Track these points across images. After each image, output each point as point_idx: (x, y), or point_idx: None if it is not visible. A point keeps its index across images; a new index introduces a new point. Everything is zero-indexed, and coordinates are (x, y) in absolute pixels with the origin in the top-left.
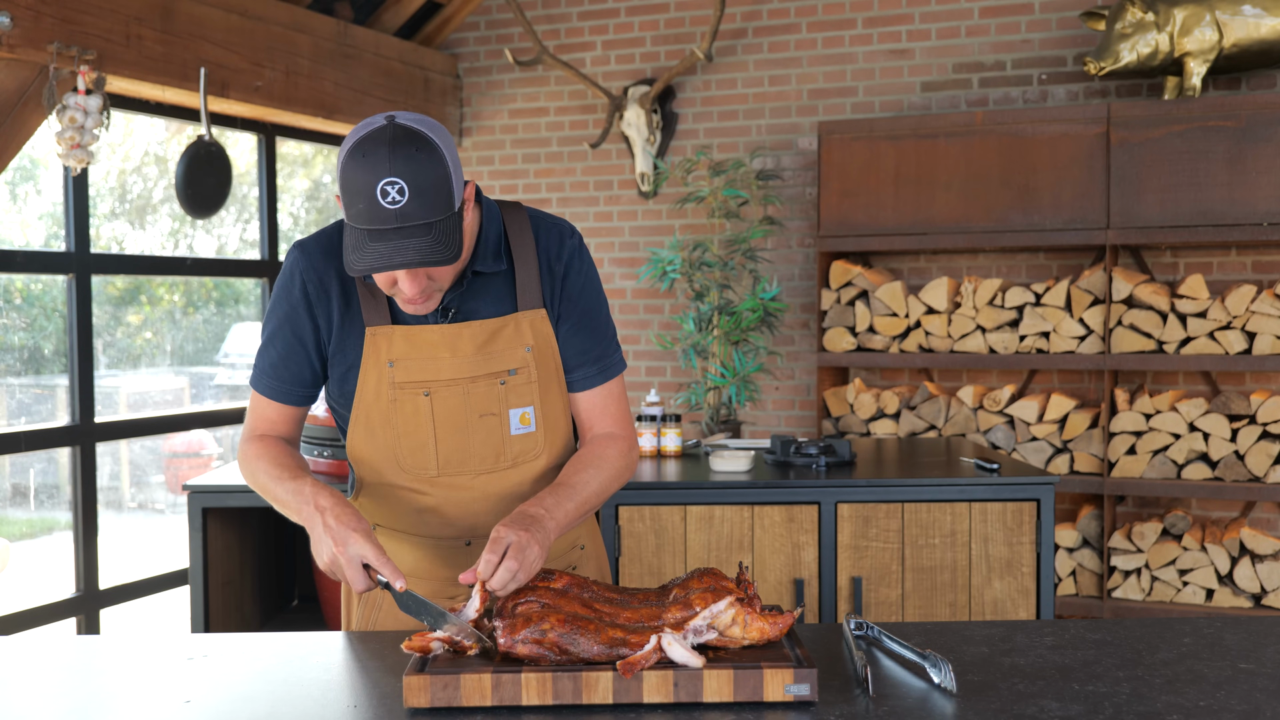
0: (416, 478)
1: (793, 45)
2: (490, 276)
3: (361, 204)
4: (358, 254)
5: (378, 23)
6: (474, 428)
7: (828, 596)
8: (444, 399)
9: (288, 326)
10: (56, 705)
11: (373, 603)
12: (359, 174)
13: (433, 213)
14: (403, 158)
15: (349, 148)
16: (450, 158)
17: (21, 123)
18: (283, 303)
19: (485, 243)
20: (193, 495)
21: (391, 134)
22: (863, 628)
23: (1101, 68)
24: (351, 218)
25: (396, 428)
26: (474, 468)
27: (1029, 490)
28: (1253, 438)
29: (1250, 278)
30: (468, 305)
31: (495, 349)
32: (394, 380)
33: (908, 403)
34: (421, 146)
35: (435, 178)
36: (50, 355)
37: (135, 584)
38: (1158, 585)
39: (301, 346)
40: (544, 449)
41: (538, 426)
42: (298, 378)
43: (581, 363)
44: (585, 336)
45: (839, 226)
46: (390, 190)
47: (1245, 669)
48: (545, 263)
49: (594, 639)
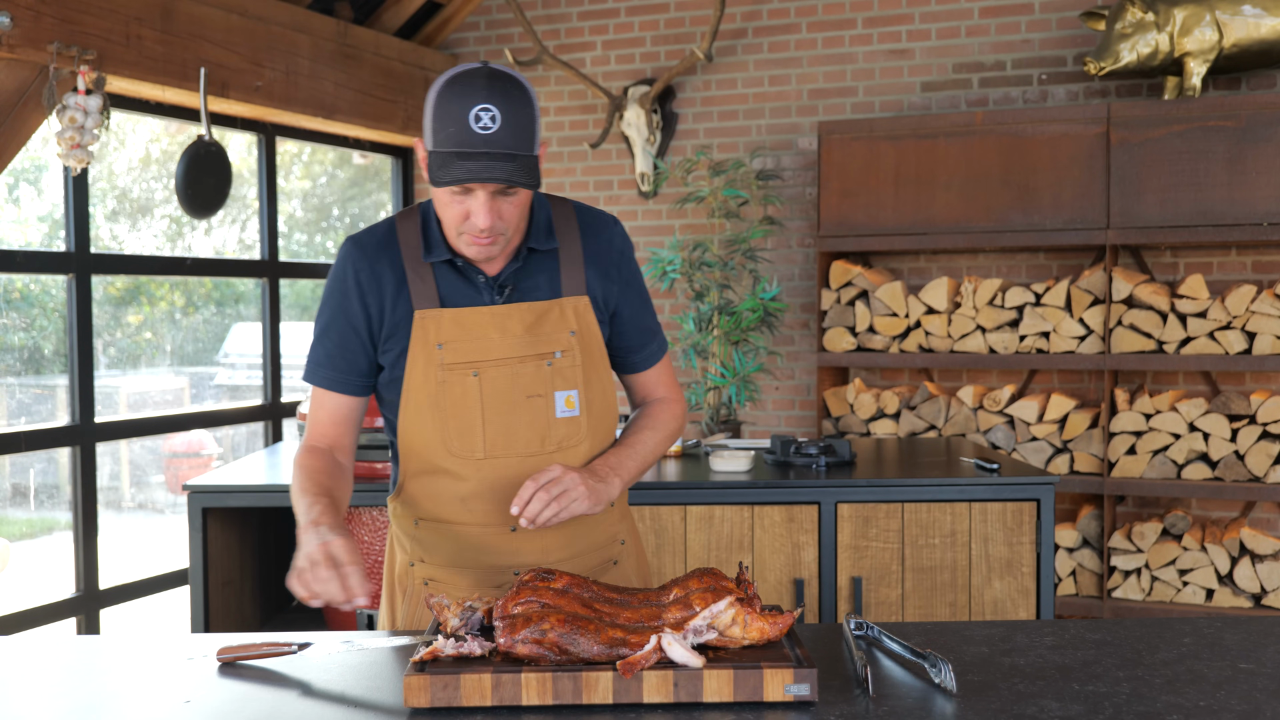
0: (463, 461)
1: (793, 45)
2: (540, 259)
3: (453, 127)
4: (444, 170)
5: (378, 23)
6: (521, 409)
7: (828, 596)
8: (492, 379)
9: (342, 317)
10: (56, 705)
11: (417, 598)
12: (454, 100)
13: (518, 146)
14: (499, 90)
15: (445, 80)
16: (536, 109)
17: (21, 123)
18: (336, 294)
19: (536, 223)
20: (193, 495)
21: (488, 71)
22: (863, 628)
23: (1101, 68)
24: (439, 142)
25: (444, 410)
26: (520, 450)
27: (1029, 490)
28: (1253, 438)
29: (1250, 278)
30: (523, 284)
31: (543, 331)
32: (442, 362)
33: (908, 403)
34: (515, 86)
35: (524, 115)
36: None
37: (135, 584)
38: (1158, 585)
39: (356, 336)
40: (586, 435)
41: (581, 411)
42: (354, 366)
43: (645, 342)
44: (646, 316)
45: (839, 226)
46: (483, 115)
47: (1245, 669)
48: (592, 252)
49: (594, 639)
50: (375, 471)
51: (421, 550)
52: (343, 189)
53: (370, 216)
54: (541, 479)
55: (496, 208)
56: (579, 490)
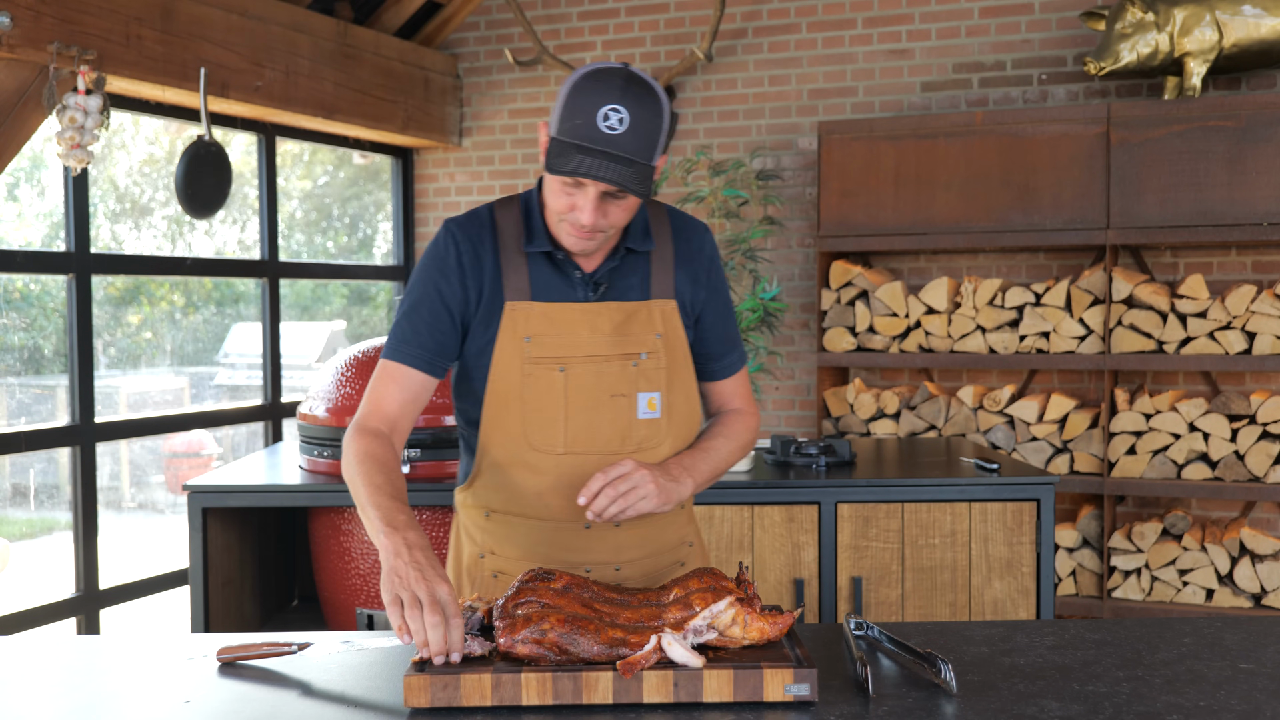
0: (543, 456)
1: (793, 45)
2: (635, 260)
3: (580, 120)
4: (561, 160)
5: (378, 23)
6: (604, 407)
7: (828, 596)
8: (578, 375)
9: (436, 295)
10: (56, 705)
11: (486, 591)
12: (587, 94)
13: (638, 153)
14: (633, 95)
15: (583, 72)
16: (666, 119)
17: (21, 123)
18: (433, 272)
19: (635, 224)
20: (193, 495)
21: (627, 74)
22: (863, 628)
23: (1101, 68)
24: (564, 131)
25: (528, 403)
26: (600, 447)
27: (1029, 490)
28: (1253, 438)
29: (1250, 278)
30: (618, 283)
31: (631, 331)
32: (529, 355)
33: (908, 403)
34: (650, 93)
35: (652, 125)
36: (50, 355)
37: (135, 584)
38: (1158, 585)
39: (449, 316)
40: (666, 437)
41: (663, 414)
42: (441, 347)
43: (727, 350)
44: (728, 325)
45: (839, 226)
46: (612, 116)
47: (1245, 669)
48: (684, 256)
49: (594, 639)
50: None
51: (493, 543)
52: (343, 189)
53: (370, 216)
54: (611, 473)
55: (603, 208)
56: (648, 488)
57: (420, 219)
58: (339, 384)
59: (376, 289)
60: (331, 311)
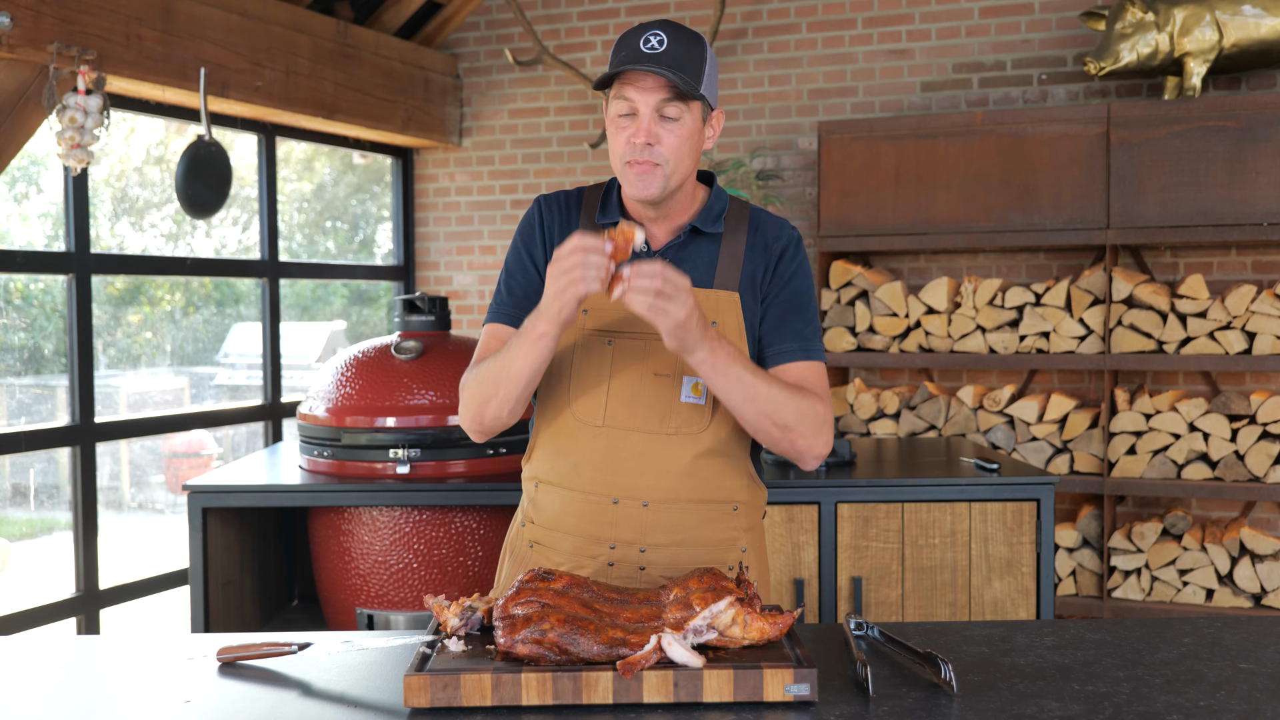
0: (583, 426)
1: (793, 45)
2: (702, 244)
3: (624, 51)
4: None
5: (378, 23)
6: (647, 384)
7: (828, 596)
8: (625, 349)
9: (529, 261)
10: (56, 705)
11: (520, 561)
12: (629, 33)
13: (681, 67)
14: (673, 27)
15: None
16: (711, 59)
17: (21, 123)
18: (525, 240)
19: (710, 208)
20: (193, 495)
21: (669, 21)
22: (863, 628)
23: (1101, 68)
24: (612, 65)
25: (577, 374)
26: (638, 425)
27: (1029, 490)
28: (1253, 438)
29: (1250, 278)
30: (681, 265)
31: None
32: (584, 326)
33: (908, 403)
34: (691, 32)
35: (694, 50)
36: (50, 355)
37: (135, 584)
38: (1158, 585)
39: (538, 276)
40: (708, 424)
41: (708, 400)
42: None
43: (783, 337)
44: (792, 317)
45: (839, 226)
46: (652, 39)
47: (1245, 669)
48: (757, 247)
49: (594, 639)
50: (375, 472)
51: (535, 512)
52: (342, 189)
53: (370, 216)
54: (669, 271)
55: (655, 132)
56: (683, 307)
57: (420, 219)
58: (339, 384)
59: (376, 289)
60: (331, 311)
